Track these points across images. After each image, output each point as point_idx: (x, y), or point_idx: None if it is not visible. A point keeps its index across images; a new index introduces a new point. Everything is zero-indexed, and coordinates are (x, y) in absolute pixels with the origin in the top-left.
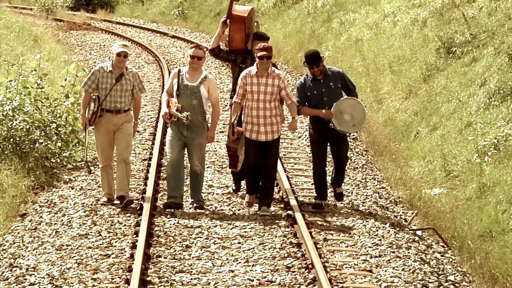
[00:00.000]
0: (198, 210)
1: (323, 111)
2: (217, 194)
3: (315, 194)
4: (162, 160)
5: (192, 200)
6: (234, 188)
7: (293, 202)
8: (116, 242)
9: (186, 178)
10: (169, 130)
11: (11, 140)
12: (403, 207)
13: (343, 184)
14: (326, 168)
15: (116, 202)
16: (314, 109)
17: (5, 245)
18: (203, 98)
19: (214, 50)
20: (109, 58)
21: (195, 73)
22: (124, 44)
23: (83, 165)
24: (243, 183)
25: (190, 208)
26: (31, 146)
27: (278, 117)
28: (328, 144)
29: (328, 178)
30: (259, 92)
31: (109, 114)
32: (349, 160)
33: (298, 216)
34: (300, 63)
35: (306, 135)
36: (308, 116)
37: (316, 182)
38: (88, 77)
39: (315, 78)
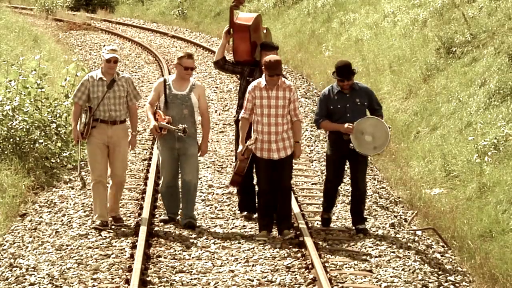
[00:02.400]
0: (188, 229)
1: (346, 125)
2: (217, 194)
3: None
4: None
5: (184, 218)
6: (239, 207)
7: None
8: (116, 242)
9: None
10: (160, 145)
11: (11, 140)
12: (403, 207)
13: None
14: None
15: (109, 223)
16: (335, 124)
17: (5, 245)
18: (194, 106)
19: (218, 62)
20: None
21: (183, 82)
22: (113, 49)
23: (76, 178)
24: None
25: (183, 226)
26: (31, 146)
27: (290, 131)
28: (347, 164)
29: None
30: (269, 106)
31: (104, 124)
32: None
33: (298, 216)
34: (300, 63)
35: (306, 135)
36: (328, 132)
37: (325, 195)
38: (78, 88)
39: (341, 92)
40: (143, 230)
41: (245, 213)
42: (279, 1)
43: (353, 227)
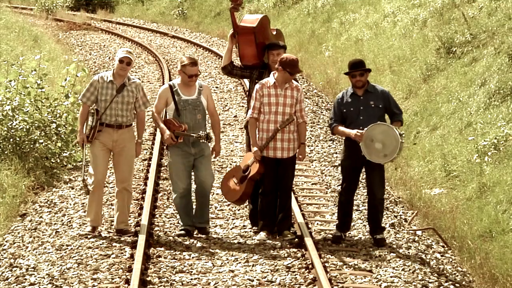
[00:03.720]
0: (202, 235)
1: (354, 132)
2: (217, 194)
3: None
4: (162, 160)
5: (199, 222)
6: (251, 219)
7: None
8: (116, 242)
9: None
10: (171, 153)
11: (11, 140)
12: (403, 207)
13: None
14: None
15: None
16: (346, 130)
17: (5, 245)
18: (205, 109)
19: (226, 68)
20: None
21: (190, 86)
22: (129, 50)
23: (80, 185)
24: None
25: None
26: (31, 146)
27: (295, 133)
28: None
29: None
30: (277, 104)
31: (109, 129)
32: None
33: (298, 215)
34: (300, 63)
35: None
36: (344, 138)
37: (339, 211)
38: (87, 88)
39: (354, 94)
40: (143, 230)
41: (256, 228)
42: (279, 1)
43: (371, 237)
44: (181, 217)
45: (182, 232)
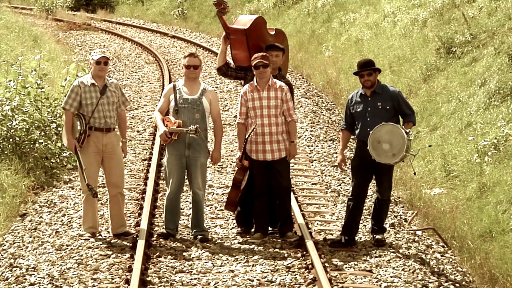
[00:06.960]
0: (203, 243)
1: (339, 160)
2: (217, 194)
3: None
4: (162, 160)
5: (195, 230)
6: (237, 221)
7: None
8: (116, 242)
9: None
10: (167, 153)
11: (11, 140)
12: (403, 207)
13: (384, 232)
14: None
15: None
16: (342, 146)
17: (5, 245)
18: (206, 111)
19: (221, 69)
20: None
21: (193, 85)
22: (103, 50)
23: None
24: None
25: (193, 238)
26: (31, 146)
27: (285, 134)
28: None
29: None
30: (261, 107)
31: (98, 133)
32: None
33: (298, 216)
34: (300, 63)
35: (306, 135)
36: (356, 139)
37: (345, 216)
38: (68, 95)
39: (363, 94)
40: (143, 230)
41: (242, 228)
42: (279, 1)
43: (371, 237)
44: (165, 219)
45: (162, 233)
